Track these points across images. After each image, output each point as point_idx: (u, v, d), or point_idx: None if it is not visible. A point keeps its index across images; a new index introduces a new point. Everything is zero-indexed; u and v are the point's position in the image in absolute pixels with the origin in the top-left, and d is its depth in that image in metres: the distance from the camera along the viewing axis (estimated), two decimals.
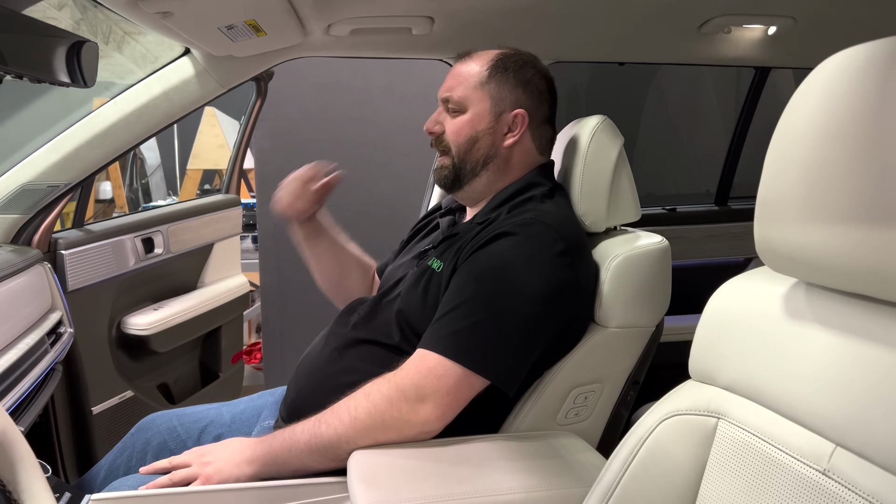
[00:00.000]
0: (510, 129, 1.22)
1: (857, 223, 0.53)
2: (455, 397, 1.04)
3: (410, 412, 1.02)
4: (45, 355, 1.41)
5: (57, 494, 0.98)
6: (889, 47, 0.53)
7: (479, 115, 1.21)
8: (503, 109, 1.21)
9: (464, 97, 1.22)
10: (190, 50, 1.55)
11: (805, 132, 0.57)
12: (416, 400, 1.02)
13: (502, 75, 1.22)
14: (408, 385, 1.03)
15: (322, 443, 1.04)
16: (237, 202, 2.41)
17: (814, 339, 0.60)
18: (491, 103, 1.21)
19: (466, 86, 1.22)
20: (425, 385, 1.02)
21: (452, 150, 1.23)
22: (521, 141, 1.23)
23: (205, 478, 1.06)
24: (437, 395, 1.02)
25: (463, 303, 1.06)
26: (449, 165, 1.24)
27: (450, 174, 1.24)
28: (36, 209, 1.58)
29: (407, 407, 1.02)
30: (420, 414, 1.03)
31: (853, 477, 0.54)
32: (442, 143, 1.25)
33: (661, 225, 2.31)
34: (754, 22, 1.66)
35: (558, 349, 1.14)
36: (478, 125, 1.21)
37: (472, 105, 1.22)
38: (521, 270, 1.07)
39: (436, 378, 1.02)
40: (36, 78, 0.99)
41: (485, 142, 1.22)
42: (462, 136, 1.22)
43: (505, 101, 1.21)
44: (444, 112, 1.25)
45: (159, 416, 1.36)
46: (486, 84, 1.21)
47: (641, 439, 0.73)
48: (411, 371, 1.04)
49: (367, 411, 1.03)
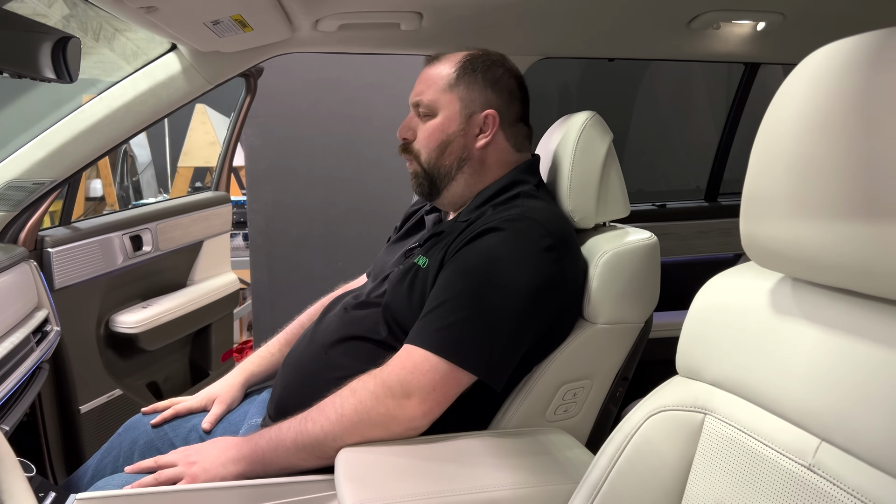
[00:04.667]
0: (481, 130, 1.22)
1: (844, 218, 0.52)
2: (442, 393, 1.03)
3: (396, 408, 1.02)
4: (31, 354, 1.40)
5: (41, 494, 0.97)
6: (874, 41, 0.52)
7: (450, 118, 1.21)
8: (473, 111, 1.21)
9: (433, 101, 1.22)
10: (176, 46, 1.54)
11: (791, 127, 0.57)
12: (403, 396, 1.02)
13: (471, 76, 1.21)
14: (394, 381, 1.02)
15: (308, 440, 1.03)
16: (227, 199, 2.40)
17: (800, 334, 0.60)
18: (461, 105, 1.21)
19: (435, 89, 1.22)
20: (411, 381, 1.02)
21: (422, 155, 1.23)
22: (494, 141, 1.22)
23: (190, 477, 1.05)
24: (423, 391, 1.02)
25: (450, 299, 1.05)
26: (421, 173, 1.24)
27: (424, 181, 1.24)
28: (22, 206, 1.57)
29: (393, 403, 1.02)
30: (406, 410, 1.02)
31: (838, 472, 0.54)
32: (409, 150, 1.24)
33: (650, 221, 2.31)
34: (743, 18, 1.66)
35: (546, 345, 1.14)
36: (448, 128, 1.21)
37: (443, 108, 1.21)
38: (507, 266, 1.06)
39: (422, 374, 1.02)
40: (18, 73, 0.98)
41: (456, 145, 1.21)
42: (433, 140, 1.22)
43: (475, 103, 1.21)
44: (415, 117, 1.25)
45: (147, 415, 1.35)
46: (455, 86, 1.21)
47: (629, 435, 0.73)
48: (397, 367, 1.04)
49: (354, 408, 1.03)
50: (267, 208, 2.88)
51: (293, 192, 2.87)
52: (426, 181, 1.24)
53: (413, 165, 1.24)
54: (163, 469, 1.08)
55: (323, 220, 2.90)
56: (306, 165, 2.85)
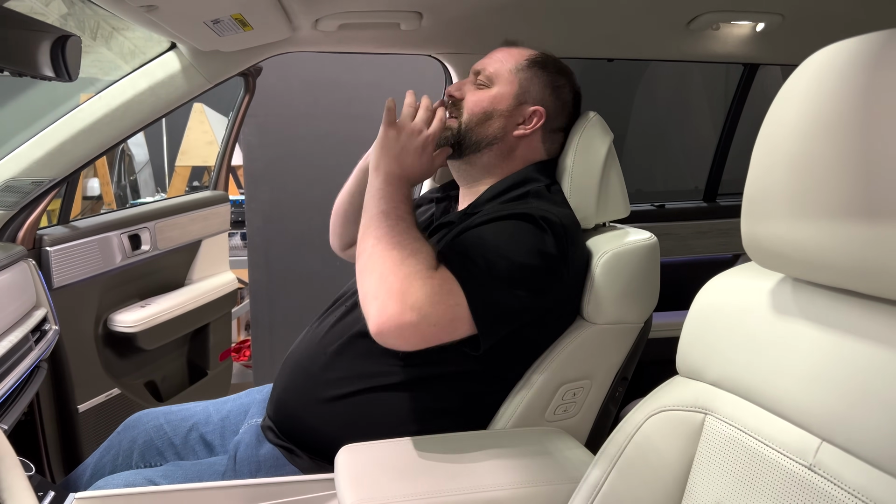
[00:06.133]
0: (525, 121, 1.23)
1: (844, 219, 0.53)
2: (440, 329, 0.99)
3: (403, 310, 0.96)
4: (30, 353, 1.39)
5: (40, 493, 0.97)
6: (875, 42, 0.53)
7: (502, 96, 1.22)
8: (525, 101, 1.22)
9: (495, 73, 1.24)
10: (176, 45, 1.54)
11: (792, 128, 0.57)
12: (414, 308, 0.96)
13: (538, 70, 1.24)
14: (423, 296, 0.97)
15: (369, 220, 1.05)
16: (225, 199, 2.39)
17: (800, 334, 0.60)
18: (518, 90, 1.22)
19: (502, 66, 1.24)
20: (436, 303, 0.97)
21: (464, 116, 1.23)
22: (531, 137, 1.24)
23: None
24: (429, 318, 0.97)
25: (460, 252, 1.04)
26: (454, 128, 1.23)
27: (451, 136, 1.24)
28: (20, 205, 1.56)
29: (405, 306, 0.96)
30: (405, 317, 0.96)
31: (839, 472, 0.54)
32: (457, 107, 1.25)
33: (649, 221, 2.31)
34: (743, 18, 1.66)
35: (542, 336, 1.14)
36: (498, 104, 1.22)
37: (500, 84, 1.23)
38: (511, 242, 1.05)
39: (447, 292, 0.98)
40: (18, 72, 0.98)
41: (497, 123, 1.22)
42: (479, 107, 1.22)
43: (530, 94, 1.23)
44: (470, 84, 1.26)
45: (146, 414, 1.35)
46: (521, 72, 1.23)
47: (629, 435, 0.73)
48: (439, 287, 0.99)
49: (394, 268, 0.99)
50: (265, 208, 2.88)
51: (291, 191, 2.86)
52: (453, 137, 1.23)
53: (452, 121, 1.24)
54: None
55: (321, 219, 2.88)
56: (305, 165, 2.84)
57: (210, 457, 1.21)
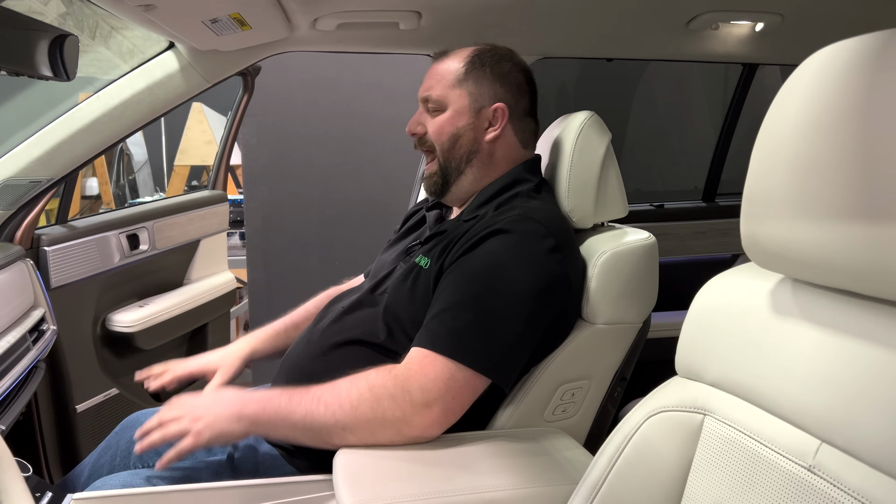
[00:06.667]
0: (491, 123, 1.22)
1: (844, 219, 0.52)
2: (460, 402, 1.03)
3: (415, 415, 1.01)
4: (27, 353, 1.39)
5: (38, 494, 0.97)
6: (875, 42, 0.52)
7: (459, 113, 1.21)
8: (482, 105, 1.21)
9: (442, 96, 1.22)
10: (174, 44, 1.53)
11: (791, 128, 0.57)
12: (423, 404, 1.00)
13: (479, 71, 1.21)
14: (415, 387, 1.01)
15: (317, 424, 1.02)
16: (224, 198, 2.39)
17: (800, 335, 0.60)
18: (470, 100, 1.21)
19: (444, 84, 1.22)
20: (432, 389, 1.00)
21: (437, 148, 1.23)
22: (503, 135, 1.23)
23: (195, 434, 1.03)
24: (444, 400, 1.01)
25: (459, 302, 1.05)
26: (437, 172, 1.24)
27: (439, 180, 1.24)
28: (18, 205, 1.56)
29: (412, 409, 1.01)
30: (425, 418, 1.01)
31: (838, 473, 0.54)
32: (425, 143, 1.24)
33: (648, 221, 2.31)
34: (742, 18, 1.66)
35: (548, 345, 1.14)
36: (458, 122, 1.21)
37: (452, 103, 1.21)
38: (513, 269, 1.06)
39: (443, 382, 1.01)
40: (15, 71, 0.98)
41: (466, 138, 1.21)
42: (444, 134, 1.22)
43: (483, 97, 1.21)
44: (424, 112, 1.25)
45: (143, 414, 1.35)
46: (464, 81, 1.21)
47: (628, 436, 0.73)
48: (418, 373, 1.02)
49: (370, 406, 1.01)
50: (264, 207, 2.88)
51: (290, 191, 2.86)
52: (440, 179, 1.24)
53: (432, 165, 1.24)
54: (167, 423, 1.06)
55: (320, 219, 2.89)
56: (303, 164, 2.84)
57: (208, 457, 1.20)
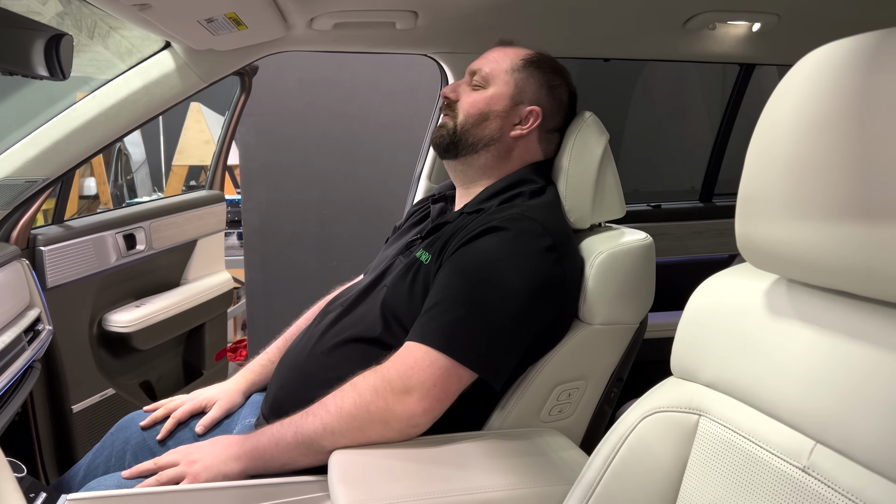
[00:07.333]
0: (521, 121, 1.23)
1: (840, 220, 0.52)
2: (442, 389, 1.02)
3: (396, 403, 1.01)
4: (23, 353, 1.39)
5: (32, 494, 0.97)
6: (870, 42, 0.52)
7: (498, 96, 1.23)
8: (522, 101, 1.23)
9: (491, 74, 1.24)
10: (171, 44, 1.53)
11: (787, 128, 0.57)
12: (403, 391, 1.01)
13: (534, 70, 1.24)
14: (394, 376, 1.02)
15: (307, 435, 1.03)
16: (221, 198, 2.38)
17: (795, 335, 0.60)
18: (514, 90, 1.23)
19: (498, 66, 1.24)
20: (411, 376, 1.01)
21: (459, 116, 1.24)
22: (528, 137, 1.24)
23: (192, 476, 1.04)
24: (424, 387, 1.01)
25: (450, 296, 1.05)
26: (450, 127, 1.25)
27: (447, 136, 1.25)
28: (13, 204, 1.56)
29: (393, 398, 1.01)
30: (406, 406, 1.01)
31: (833, 474, 0.54)
32: (452, 110, 1.26)
33: (645, 222, 2.31)
34: (739, 18, 1.66)
35: (543, 344, 1.14)
36: (493, 105, 1.23)
37: (496, 85, 1.23)
38: (508, 265, 1.06)
39: (422, 369, 1.01)
40: (10, 70, 0.97)
41: (494, 124, 1.23)
42: (475, 108, 1.23)
43: (526, 94, 1.23)
44: (466, 85, 1.27)
45: (139, 414, 1.34)
46: (517, 72, 1.24)
47: (623, 436, 0.73)
48: (398, 362, 1.03)
49: (353, 402, 1.02)
50: (261, 207, 2.87)
51: (287, 190, 2.86)
52: (448, 137, 1.25)
53: (447, 119, 1.26)
54: (163, 469, 1.07)
55: (317, 218, 2.89)
56: (301, 164, 2.84)
57: None
